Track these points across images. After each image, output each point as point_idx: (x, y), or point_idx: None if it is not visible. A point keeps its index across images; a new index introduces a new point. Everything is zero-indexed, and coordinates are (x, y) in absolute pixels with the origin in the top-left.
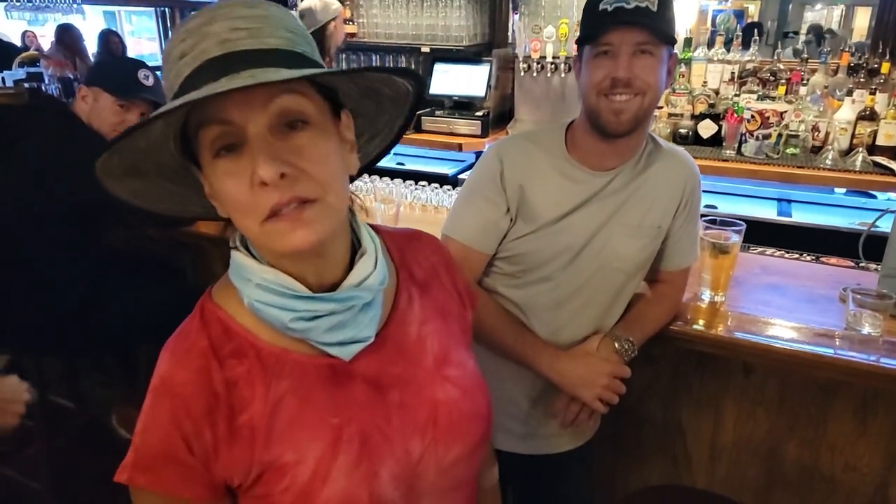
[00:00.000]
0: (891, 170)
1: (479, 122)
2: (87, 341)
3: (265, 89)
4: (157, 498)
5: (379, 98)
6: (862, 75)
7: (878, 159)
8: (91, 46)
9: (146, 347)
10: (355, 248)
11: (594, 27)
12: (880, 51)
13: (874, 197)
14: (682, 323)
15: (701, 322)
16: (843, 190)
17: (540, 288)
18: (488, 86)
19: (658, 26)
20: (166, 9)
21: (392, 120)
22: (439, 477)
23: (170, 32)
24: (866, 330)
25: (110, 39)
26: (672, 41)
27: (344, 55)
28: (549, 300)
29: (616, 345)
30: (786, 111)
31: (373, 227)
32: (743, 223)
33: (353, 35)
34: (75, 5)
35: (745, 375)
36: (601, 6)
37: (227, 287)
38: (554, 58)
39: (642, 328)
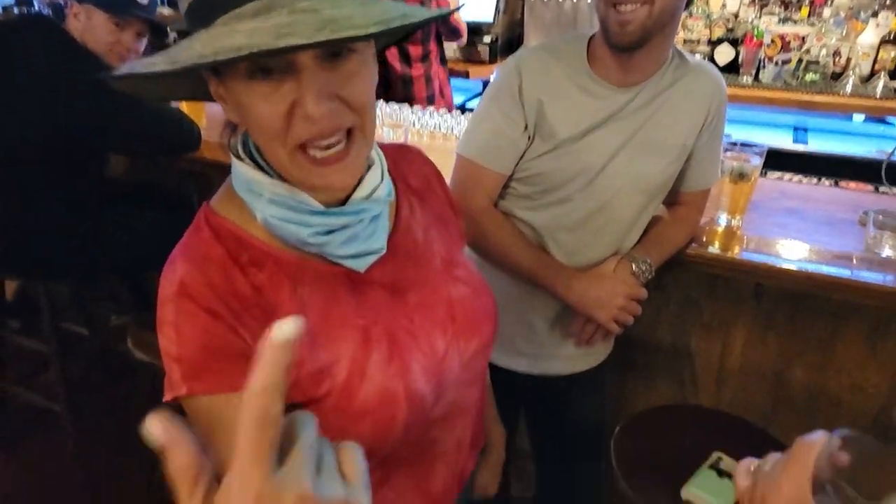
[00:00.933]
0: None
1: (486, 48)
2: (96, 269)
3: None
4: (217, 400)
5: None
6: None
7: None
8: None
9: (156, 275)
10: None
11: None
12: None
13: (892, 125)
14: (697, 246)
15: (717, 244)
16: (862, 118)
17: (558, 210)
18: (497, 10)
19: None
20: None
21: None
22: (462, 371)
23: None
24: (886, 252)
25: None
26: None
27: None
28: (567, 222)
29: (633, 266)
30: (807, 35)
31: None
32: (765, 145)
33: None
34: None
35: (757, 300)
36: None
37: (230, 199)
38: None
39: (660, 250)
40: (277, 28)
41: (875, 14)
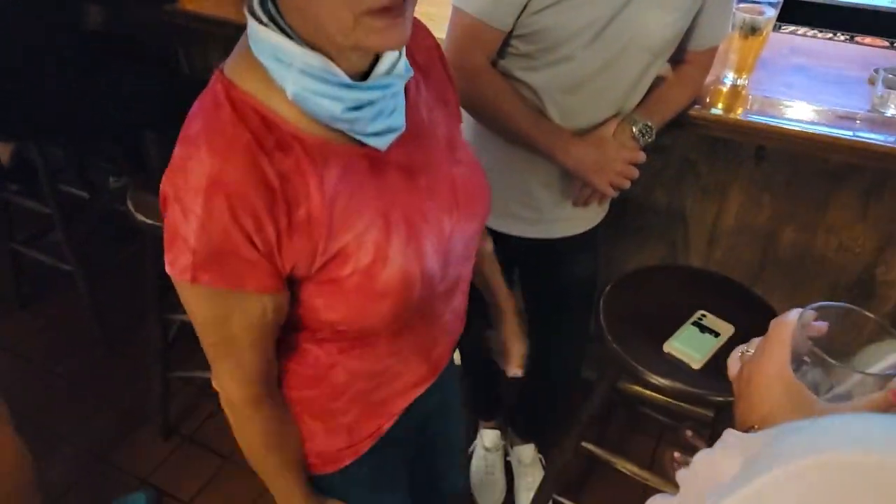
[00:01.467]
0: None
1: None
2: (86, 129)
3: None
4: (215, 293)
5: None
6: None
7: None
8: None
9: (152, 136)
10: None
11: None
12: None
13: None
14: (700, 107)
15: (720, 106)
16: None
17: (559, 69)
18: None
19: None
20: None
21: None
22: (463, 248)
23: None
24: (891, 112)
25: None
26: None
27: None
28: (568, 82)
29: (634, 129)
30: None
31: None
32: None
33: None
34: None
35: (757, 162)
36: None
37: (250, 69)
38: None
39: (662, 112)
40: None
41: None
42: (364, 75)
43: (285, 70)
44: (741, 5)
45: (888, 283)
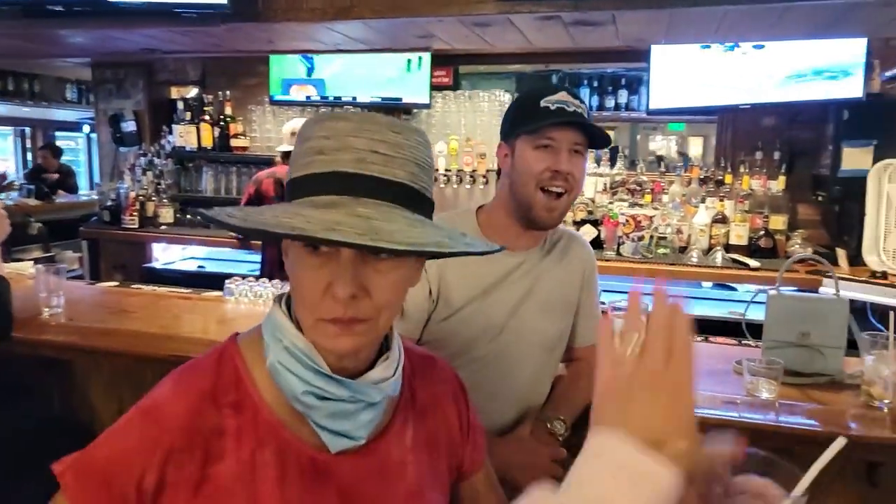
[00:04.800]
0: (746, 265)
1: None
2: None
3: None
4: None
5: None
6: (711, 185)
7: (735, 256)
8: None
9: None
10: (381, 350)
11: (537, 121)
12: (722, 165)
13: (735, 289)
14: None
15: None
16: (710, 284)
17: (469, 370)
18: None
19: (591, 131)
20: (26, 129)
21: None
22: None
23: (28, 151)
24: (764, 395)
25: None
26: (601, 145)
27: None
28: (478, 381)
29: (549, 426)
30: (654, 216)
31: (402, 339)
32: (647, 305)
33: (244, 148)
34: None
35: None
36: (542, 103)
37: (255, 338)
38: (446, 170)
39: (569, 406)
40: (331, 223)
41: (703, 200)
42: (352, 376)
43: (275, 343)
44: (614, 312)
45: None
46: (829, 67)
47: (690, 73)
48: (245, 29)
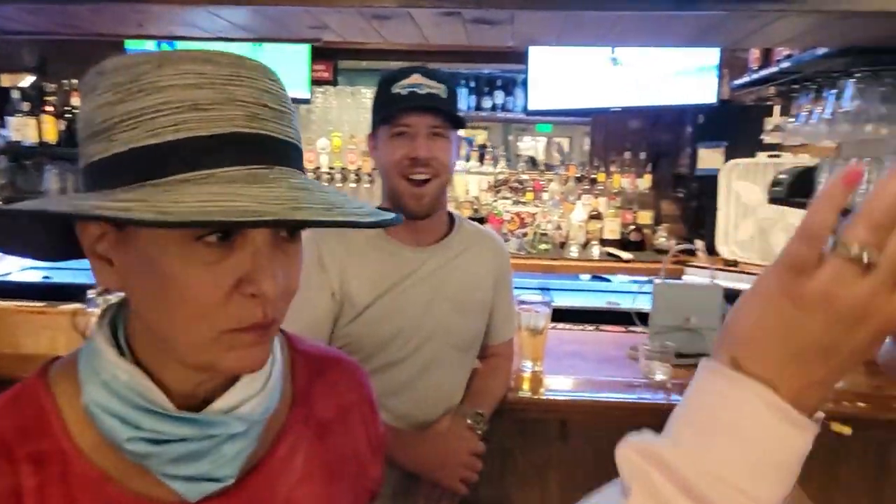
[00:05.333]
0: (619, 257)
1: None
2: None
3: None
4: None
5: None
6: (586, 183)
7: (609, 250)
8: None
9: None
10: None
11: (390, 109)
12: (595, 164)
13: (610, 280)
14: (512, 393)
15: (527, 388)
16: (587, 276)
17: (385, 374)
18: None
19: (449, 111)
20: None
21: None
22: None
23: None
24: (659, 377)
25: None
26: (460, 125)
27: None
28: (393, 386)
29: (468, 420)
30: (536, 213)
31: (288, 337)
32: (550, 299)
33: None
34: None
35: (564, 440)
36: (394, 90)
37: (70, 369)
38: (330, 168)
39: (487, 400)
40: (287, 200)
41: (579, 197)
42: (209, 400)
43: (90, 378)
44: (521, 307)
45: None
46: (686, 74)
47: (566, 76)
48: (113, 9)
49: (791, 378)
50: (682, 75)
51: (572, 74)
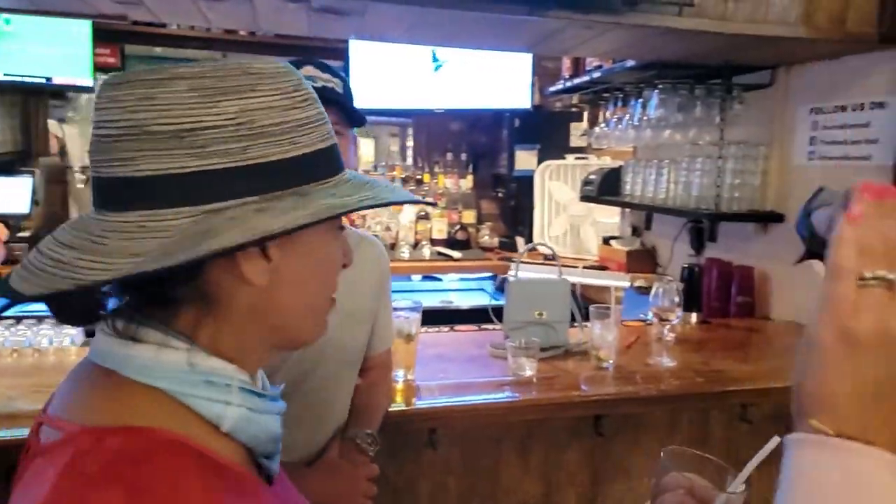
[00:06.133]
0: (450, 256)
1: (25, 244)
2: None
3: None
4: None
5: None
6: (412, 184)
7: (439, 249)
8: None
9: None
10: None
11: None
12: (419, 165)
13: (440, 280)
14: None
15: (401, 400)
16: (419, 276)
17: None
18: (34, 201)
19: (346, 106)
20: None
21: None
22: None
23: None
24: (527, 372)
25: None
26: (358, 123)
27: None
28: (286, 417)
29: (360, 443)
30: (366, 215)
31: None
32: (420, 302)
33: None
34: None
35: (434, 448)
36: None
37: (143, 401)
38: None
39: (375, 416)
40: (371, 194)
41: None
42: None
43: (222, 394)
44: (395, 313)
45: None
46: (503, 79)
47: (387, 76)
48: None
49: (881, 427)
50: (499, 80)
51: (393, 74)
